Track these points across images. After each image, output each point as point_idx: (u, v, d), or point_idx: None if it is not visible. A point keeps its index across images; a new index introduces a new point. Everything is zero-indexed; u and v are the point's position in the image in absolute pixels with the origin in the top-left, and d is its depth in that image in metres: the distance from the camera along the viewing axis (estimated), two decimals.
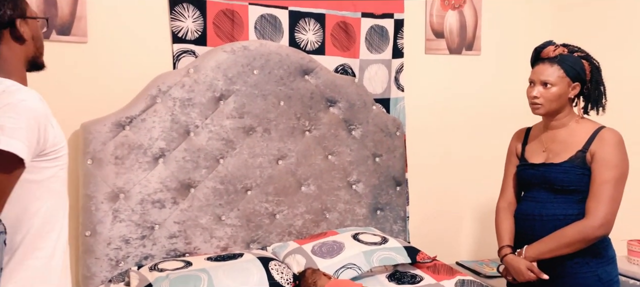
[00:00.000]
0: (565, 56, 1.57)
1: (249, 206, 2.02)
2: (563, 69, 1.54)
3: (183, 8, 2.01)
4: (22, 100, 0.96)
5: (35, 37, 1.08)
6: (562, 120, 1.60)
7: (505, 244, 1.64)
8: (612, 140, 1.51)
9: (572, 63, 1.55)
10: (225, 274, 1.65)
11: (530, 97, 1.59)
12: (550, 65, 1.55)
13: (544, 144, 1.63)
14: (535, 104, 1.58)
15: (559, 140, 1.59)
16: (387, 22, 2.35)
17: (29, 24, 1.07)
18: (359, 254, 1.82)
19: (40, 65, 1.12)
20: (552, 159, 1.59)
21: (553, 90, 1.55)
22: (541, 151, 1.64)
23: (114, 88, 1.92)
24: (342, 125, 2.18)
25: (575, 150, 1.55)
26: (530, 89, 1.60)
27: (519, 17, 2.64)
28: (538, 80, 1.57)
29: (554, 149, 1.60)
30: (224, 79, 1.96)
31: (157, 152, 1.87)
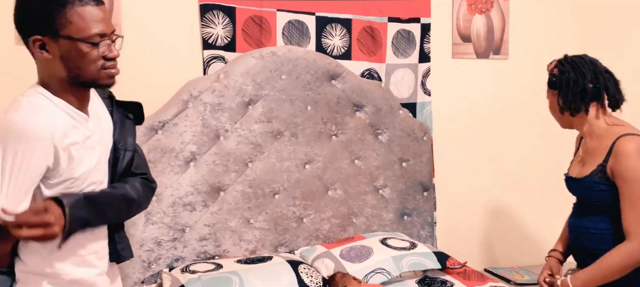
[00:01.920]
0: (551, 71, 1.64)
1: (276, 209, 2.03)
2: (548, 82, 1.63)
3: (213, 15, 2.05)
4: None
5: (65, 57, 1.01)
6: (583, 128, 1.58)
7: (555, 248, 1.72)
8: (627, 152, 1.44)
9: (551, 75, 1.63)
10: (255, 276, 1.67)
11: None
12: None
13: (581, 154, 1.64)
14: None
15: (588, 150, 1.58)
16: (413, 27, 2.34)
17: (59, 44, 1.00)
18: (388, 259, 1.81)
19: (96, 86, 1.08)
20: (582, 171, 1.57)
21: (549, 105, 1.65)
22: (578, 162, 1.65)
23: (146, 93, 1.96)
24: (369, 130, 2.19)
25: (596, 163, 1.51)
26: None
27: (547, 21, 2.60)
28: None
29: (586, 160, 1.58)
30: (253, 84, 1.99)
31: (189, 156, 1.90)
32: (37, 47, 1.00)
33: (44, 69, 1.04)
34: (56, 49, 1.01)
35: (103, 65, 1.05)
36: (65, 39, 1.00)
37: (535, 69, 2.62)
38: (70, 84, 1.05)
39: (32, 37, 0.99)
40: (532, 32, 2.58)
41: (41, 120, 0.98)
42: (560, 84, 1.58)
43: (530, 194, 2.61)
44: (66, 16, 0.99)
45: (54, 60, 1.01)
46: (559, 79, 1.59)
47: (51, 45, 1.00)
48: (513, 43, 2.54)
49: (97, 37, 1.02)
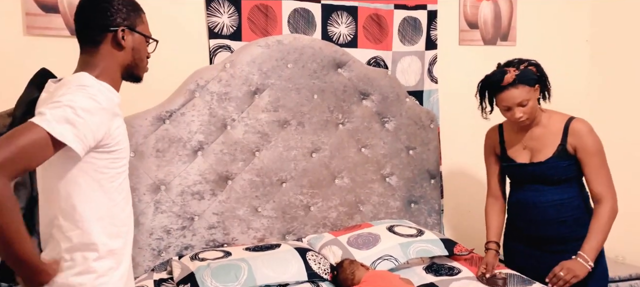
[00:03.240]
0: (520, 74, 1.69)
1: (284, 198, 2.04)
2: (525, 83, 1.68)
3: (219, 4, 2.05)
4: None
5: (135, 49, 1.21)
6: (536, 119, 1.75)
7: (490, 240, 1.84)
8: (586, 130, 1.71)
9: (527, 74, 1.69)
10: (264, 264, 1.68)
11: (516, 119, 1.70)
12: (515, 88, 1.67)
13: (524, 143, 1.79)
14: (523, 122, 1.72)
15: (536, 138, 1.76)
16: (420, 14, 2.33)
17: (134, 37, 1.20)
18: (395, 246, 1.82)
19: (136, 78, 1.25)
20: (536, 157, 1.75)
21: (530, 104, 1.69)
22: (522, 150, 1.79)
23: (154, 83, 1.97)
24: (376, 118, 2.18)
25: (555, 145, 1.72)
26: (511, 113, 1.70)
27: (555, 6, 2.57)
28: (514, 104, 1.69)
29: (535, 147, 1.76)
30: (259, 73, 1.99)
31: (196, 145, 1.91)
32: (121, 36, 1.17)
33: (108, 57, 1.17)
34: (131, 41, 1.21)
35: (146, 62, 1.28)
36: (140, 34, 1.22)
37: (543, 56, 2.59)
38: (122, 75, 1.22)
39: (121, 26, 1.18)
40: (540, 18, 2.55)
41: (110, 91, 1.13)
42: (541, 79, 1.73)
43: None
44: (141, 17, 1.24)
45: (126, 50, 1.20)
46: (540, 75, 1.74)
47: (129, 37, 1.20)
48: (520, 29, 2.52)
49: (151, 37, 1.27)
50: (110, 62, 1.18)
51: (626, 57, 2.50)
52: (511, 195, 1.86)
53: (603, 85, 2.62)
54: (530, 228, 1.78)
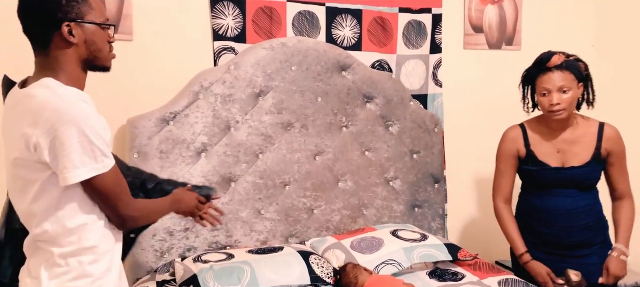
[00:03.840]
0: (569, 62, 1.66)
1: (287, 200, 2.04)
2: (572, 73, 1.64)
3: (224, 6, 2.05)
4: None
5: (89, 41, 1.09)
6: (569, 120, 1.72)
7: (525, 251, 1.76)
8: (619, 135, 1.75)
9: (576, 67, 1.66)
10: (267, 267, 1.67)
11: (551, 105, 1.66)
12: (561, 72, 1.64)
13: (557, 146, 1.73)
14: (558, 112, 1.65)
15: (571, 141, 1.72)
16: (425, 18, 2.32)
17: (84, 28, 1.09)
18: (399, 250, 1.81)
19: (101, 69, 1.15)
20: (571, 160, 1.71)
21: (570, 94, 1.65)
22: (556, 153, 1.72)
23: (158, 84, 1.98)
24: (380, 122, 2.18)
25: (591, 149, 1.71)
26: (549, 99, 1.66)
27: (561, 11, 2.56)
28: (555, 88, 1.64)
29: (570, 150, 1.72)
30: (263, 76, 1.99)
31: (200, 146, 1.91)
32: (67, 32, 1.07)
33: (62, 56, 1.08)
34: (82, 34, 1.09)
35: (110, 48, 1.16)
36: (90, 24, 1.10)
37: None
38: (84, 70, 1.13)
39: (64, 23, 1.06)
40: (546, 22, 2.54)
41: (87, 101, 1.08)
42: (588, 78, 1.69)
43: None
44: (88, 3, 1.10)
45: (78, 45, 1.09)
46: (587, 74, 1.69)
47: (77, 30, 1.08)
48: (526, 34, 2.51)
49: (107, 20, 1.14)
50: (67, 62, 1.08)
51: (632, 63, 2.49)
52: (530, 201, 1.78)
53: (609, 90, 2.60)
54: (559, 235, 1.72)
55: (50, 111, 1.01)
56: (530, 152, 1.75)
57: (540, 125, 1.76)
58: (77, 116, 1.02)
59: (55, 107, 1.01)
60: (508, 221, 1.80)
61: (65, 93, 1.04)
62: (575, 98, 1.67)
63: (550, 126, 1.73)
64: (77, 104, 1.03)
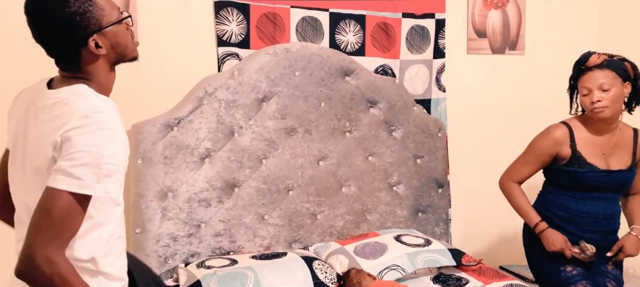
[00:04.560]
0: (610, 60, 1.65)
1: (290, 206, 2.04)
2: (614, 71, 1.62)
3: (227, 12, 2.06)
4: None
5: (114, 44, 1.06)
6: (615, 123, 1.70)
7: (540, 219, 1.75)
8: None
9: (619, 65, 1.64)
10: (270, 272, 1.67)
11: (592, 103, 1.64)
12: (601, 70, 1.63)
13: (602, 148, 1.71)
14: (598, 108, 1.63)
15: (615, 144, 1.71)
16: (428, 22, 2.32)
17: (106, 34, 1.04)
18: (402, 255, 1.81)
19: (131, 60, 1.11)
20: (614, 164, 1.71)
21: (612, 92, 1.62)
22: (601, 155, 1.71)
23: (162, 90, 1.99)
24: (383, 126, 2.18)
25: (629, 153, 1.72)
26: (588, 97, 1.65)
27: (564, 15, 2.56)
28: (595, 86, 1.63)
29: (614, 153, 1.71)
30: (267, 81, 1.99)
31: (204, 152, 1.92)
32: (94, 46, 1.03)
33: (91, 66, 1.05)
34: (106, 41, 1.05)
35: (132, 36, 1.11)
36: (109, 27, 1.04)
37: (552, 65, 2.58)
38: (112, 70, 1.10)
39: (90, 39, 1.02)
40: (549, 27, 2.54)
41: (118, 117, 1.04)
42: (636, 79, 1.67)
43: None
44: (99, 6, 1.03)
45: (107, 52, 1.05)
46: (636, 75, 1.67)
47: (102, 39, 1.04)
48: (529, 38, 2.51)
49: (120, 12, 1.08)
50: (98, 72, 1.05)
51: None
52: (565, 204, 1.74)
53: None
54: (594, 237, 1.71)
55: (79, 116, 0.97)
56: (577, 154, 1.69)
57: (586, 126, 1.71)
58: (105, 128, 0.96)
59: (84, 113, 0.97)
60: (519, 194, 1.78)
61: (98, 102, 1.01)
62: (619, 96, 1.63)
63: (595, 127, 1.69)
64: (106, 118, 0.98)
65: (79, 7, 1.00)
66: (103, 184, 0.96)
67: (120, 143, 1.00)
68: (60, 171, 0.94)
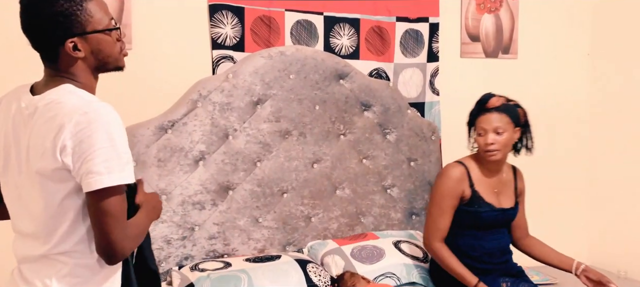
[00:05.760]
0: (507, 105, 1.73)
1: (285, 208, 2.04)
2: (509, 116, 1.71)
3: (222, 15, 2.06)
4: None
5: (95, 50, 1.06)
6: (502, 163, 1.79)
7: (478, 279, 1.71)
8: (523, 176, 1.89)
9: (514, 111, 1.73)
10: (264, 275, 1.67)
11: (486, 144, 1.71)
12: (498, 114, 1.71)
13: (493, 187, 1.79)
14: (491, 152, 1.71)
15: (503, 183, 1.81)
16: (422, 26, 2.34)
17: (88, 40, 1.04)
18: (399, 264, 1.82)
19: (115, 69, 1.12)
20: (504, 202, 1.80)
21: (504, 137, 1.71)
22: (494, 193, 1.78)
23: (156, 92, 1.99)
24: (377, 130, 2.19)
25: (512, 190, 1.83)
26: (483, 138, 1.72)
27: (557, 20, 2.58)
28: (491, 128, 1.71)
29: (502, 192, 1.81)
30: (262, 84, 2.00)
31: (198, 155, 1.92)
32: (71, 49, 1.04)
33: (72, 67, 1.07)
34: (86, 45, 1.05)
35: (120, 48, 1.11)
36: (92, 33, 1.05)
37: (545, 68, 2.61)
38: (94, 75, 1.10)
39: (67, 41, 1.03)
40: (542, 31, 2.56)
41: (110, 106, 1.04)
42: (526, 125, 1.77)
43: (538, 195, 2.59)
44: (88, 12, 1.04)
45: (85, 57, 1.06)
46: (526, 121, 1.77)
47: (82, 43, 1.04)
48: (522, 42, 2.53)
49: (111, 22, 1.09)
50: (78, 73, 1.06)
51: (627, 71, 2.51)
52: (469, 243, 1.76)
53: (604, 98, 2.63)
54: (503, 267, 1.79)
55: (79, 114, 0.99)
56: (476, 193, 1.75)
57: (479, 165, 1.78)
58: (106, 120, 0.99)
59: (83, 110, 0.99)
60: (451, 255, 1.73)
61: (92, 98, 1.03)
62: (510, 141, 1.72)
63: (488, 167, 1.77)
64: (106, 109, 1.01)
65: (66, 9, 1.02)
66: (128, 172, 1.01)
67: (123, 131, 1.03)
68: (89, 174, 0.98)
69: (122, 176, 0.99)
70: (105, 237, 1.00)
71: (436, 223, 1.75)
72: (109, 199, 0.99)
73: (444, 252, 1.73)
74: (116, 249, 1.01)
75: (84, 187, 0.99)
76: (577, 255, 2.61)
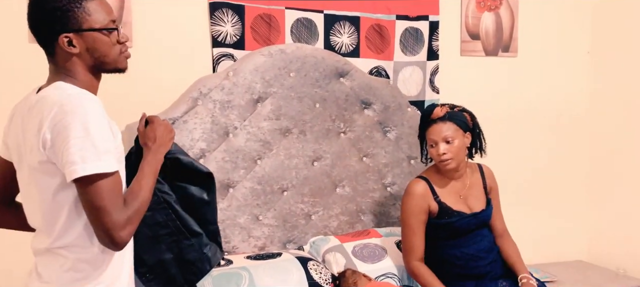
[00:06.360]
0: (452, 113, 1.75)
1: (285, 206, 2.05)
2: (456, 123, 1.73)
3: (222, 13, 2.06)
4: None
5: (90, 48, 1.07)
6: (463, 168, 1.81)
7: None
8: (493, 173, 1.91)
9: (459, 117, 1.75)
10: (265, 272, 1.68)
11: (439, 156, 1.73)
12: (443, 123, 1.73)
13: (459, 193, 1.80)
14: (445, 161, 1.73)
15: (469, 186, 1.82)
16: (422, 24, 2.34)
17: (83, 37, 1.06)
18: (401, 266, 1.83)
19: (115, 71, 1.14)
20: (475, 205, 1.80)
21: (455, 144, 1.73)
22: (460, 199, 1.79)
23: (157, 90, 1.99)
24: (377, 127, 2.19)
25: (482, 190, 1.84)
26: (435, 149, 1.74)
27: (557, 18, 2.59)
28: (440, 139, 1.73)
29: (470, 195, 1.81)
30: (262, 82, 2.00)
31: (198, 152, 1.92)
32: (66, 43, 1.06)
33: (68, 63, 1.08)
34: (82, 42, 1.07)
35: (121, 50, 1.13)
36: (89, 31, 1.07)
37: (545, 67, 2.61)
38: (93, 73, 1.12)
39: (61, 35, 1.05)
40: (542, 30, 2.57)
41: (93, 99, 1.05)
42: (474, 128, 1.77)
43: (538, 192, 2.60)
44: (85, 10, 1.06)
45: (80, 54, 1.08)
46: (474, 124, 1.78)
47: (77, 40, 1.06)
48: (522, 40, 2.53)
49: (112, 23, 1.10)
50: (75, 69, 1.08)
51: (627, 69, 2.52)
52: (449, 253, 1.76)
53: (604, 97, 2.63)
54: (484, 271, 1.77)
55: (57, 107, 1.01)
56: (443, 205, 1.75)
57: (439, 176, 1.79)
58: (82, 112, 1.00)
59: (61, 102, 1.01)
60: (430, 275, 1.72)
61: (74, 91, 1.05)
62: (462, 146, 1.74)
63: (448, 175, 1.79)
64: (84, 101, 1.02)
65: (64, 5, 1.05)
66: (106, 161, 1.00)
67: (103, 119, 1.03)
68: (66, 165, 0.99)
69: (98, 165, 0.98)
70: (97, 227, 1.01)
71: (410, 243, 1.75)
72: (90, 188, 0.99)
73: (423, 270, 1.73)
74: (113, 237, 1.00)
75: (67, 177, 1.00)
76: (576, 253, 2.65)
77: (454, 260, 1.76)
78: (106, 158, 1.00)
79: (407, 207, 1.76)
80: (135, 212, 1.05)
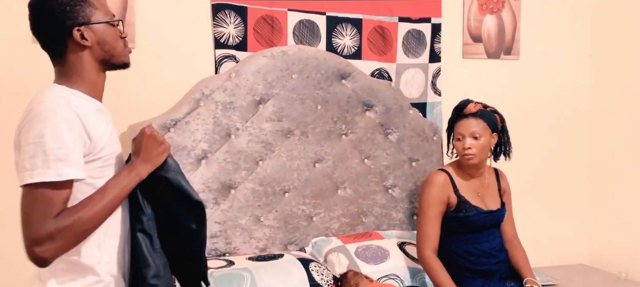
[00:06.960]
0: (484, 111, 1.78)
1: (286, 207, 2.05)
2: (485, 122, 1.76)
3: (225, 15, 2.07)
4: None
5: (101, 41, 1.11)
6: (483, 168, 1.83)
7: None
8: (506, 177, 1.93)
9: (490, 117, 1.78)
10: (267, 273, 1.68)
11: (464, 149, 1.76)
12: (474, 119, 1.76)
13: (477, 190, 1.82)
14: (469, 155, 1.75)
15: (486, 186, 1.84)
16: (424, 27, 2.35)
17: (93, 30, 1.10)
18: (404, 267, 1.83)
19: (120, 66, 1.16)
20: (490, 204, 1.82)
21: (482, 141, 1.75)
22: (478, 197, 1.81)
23: (159, 91, 2.00)
24: (379, 129, 2.19)
25: (497, 192, 1.87)
26: (461, 143, 1.77)
27: (559, 21, 2.59)
28: (468, 133, 1.76)
29: (487, 195, 1.84)
30: (264, 83, 2.00)
31: (200, 153, 1.92)
32: (79, 37, 1.08)
33: (78, 61, 1.10)
34: (92, 35, 1.10)
35: (124, 44, 1.16)
36: (98, 24, 1.10)
37: (547, 69, 2.61)
38: (102, 71, 1.14)
39: (74, 28, 1.07)
40: (544, 32, 2.57)
41: (68, 104, 1.04)
42: (503, 131, 1.80)
43: (540, 195, 2.60)
44: (91, 4, 1.10)
45: (92, 47, 1.10)
46: (503, 127, 1.81)
47: (88, 32, 1.09)
48: (524, 43, 2.53)
49: (113, 18, 1.14)
50: (83, 67, 1.09)
51: (629, 72, 2.51)
52: (472, 247, 1.77)
53: (606, 99, 2.63)
54: (498, 272, 1.78)
55: (29, 110, 1.03)
56: (462, 199, 1.77)
57: (460, 171, 1.82)
58: (44, 116, 0.99)
59: (32, 107, 1.02)
60: (441, 269, 1.70)
61: (52, 95, 1.04)
62: (487, 145, 1.76)
63: (469, 172, 1.82)
64: (54, 106, 1.00)
65: (70, 2, 1.08)
66: (55, 169, 0.97)
67: (63, 126, 0.99)
68: (19, 171, 1.01)
69: (46, 173, 0.95)
70: (24, 236, 0.97)
71: (425, 231, 1.75)
72: (24, 196, 0.98)
73: (435, 264, 1.71)
74: (28, 251, 0.96)
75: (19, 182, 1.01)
76: (578, 256, 2.64)
77: (466, 255, 1.77)
78: (57, 166, 0.96)
79: (427, 196, 1.76)
80: (63, 229, 0.97)
